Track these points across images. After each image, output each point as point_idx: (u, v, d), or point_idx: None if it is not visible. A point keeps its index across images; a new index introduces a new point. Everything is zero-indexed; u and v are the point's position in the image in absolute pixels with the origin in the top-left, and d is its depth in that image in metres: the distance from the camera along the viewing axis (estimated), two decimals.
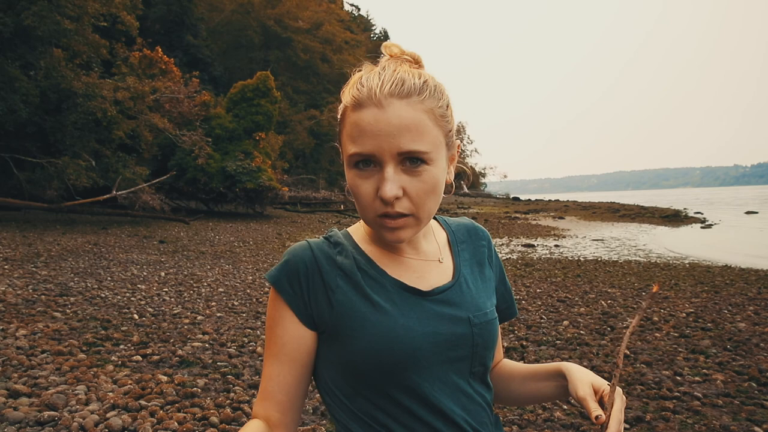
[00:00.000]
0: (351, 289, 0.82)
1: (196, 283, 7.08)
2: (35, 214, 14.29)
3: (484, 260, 0.97)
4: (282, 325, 0.83)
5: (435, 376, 0.81)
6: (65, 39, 13.16)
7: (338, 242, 0.87)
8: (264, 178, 18.31)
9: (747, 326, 5.12)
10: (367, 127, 0.75)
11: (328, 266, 0.83)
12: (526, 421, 3.02)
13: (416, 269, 0.87)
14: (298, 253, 0.84)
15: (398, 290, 0.83)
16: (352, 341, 0.79)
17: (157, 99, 16.39)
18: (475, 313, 0.86)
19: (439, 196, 0.81)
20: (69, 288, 6.15)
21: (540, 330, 5.07)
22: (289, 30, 32.95)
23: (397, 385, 0.79)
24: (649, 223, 24.42)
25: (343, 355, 0.81)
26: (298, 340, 0.83)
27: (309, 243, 0.86)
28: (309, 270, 0.83)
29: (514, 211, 32.79)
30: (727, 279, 8.15)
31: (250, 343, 4.42)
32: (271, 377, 0.83)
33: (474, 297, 0.89)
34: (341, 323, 0.80)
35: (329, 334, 0.82)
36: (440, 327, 0.82)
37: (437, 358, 0.81)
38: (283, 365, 0.83)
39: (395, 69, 0.78)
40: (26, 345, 3.96)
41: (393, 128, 0.74)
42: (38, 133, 13.47)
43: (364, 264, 0.85)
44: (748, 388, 3.52)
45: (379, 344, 0.78)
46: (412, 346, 0.79)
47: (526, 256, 11.66)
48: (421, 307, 0.82)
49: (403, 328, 0.79)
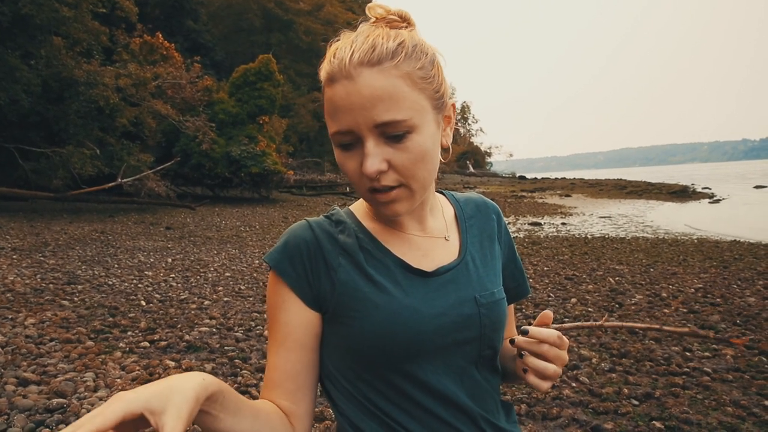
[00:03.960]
0: (353, 269, 0.79)
1: (202, 268, 7.10)
2: (42, 203, 14.35)
3: (494, 236, 0.93)
4: (286, 310, 0.79)
5: (440, 360, 0.78)
6: (64, 27, 13.05)
7: (340, 220, 0.84)
8: (269, 162, 18.26)
9: (756, 300, 5.08)
10: (339, 102, 0.70)
11: (329, 245, 0.80)
12: (535, 399, 3.01)
13: (420, 247, 0.83)
14: (298, 233, 0.81)
15: (401, 270, 0.80)
16: (355, 323, 0.76)
17: (159, 85, 16.30)
18: (482, 292, 0.82)
19: (431, 162, 0.75)
20: (77, 276, 6.18)
21: (548, 308, 5.05)
22: (290, 12, 32.61)
23: (400, 369, 0.76)
24: (656, 199, 24.25)
25: (344, 338, 0.78)
26: (305, 324, 0.79)
27: (308, 222, 0.83)
28: (311, 250, 0.79)
29: (521, 189, 32.61)
30: (736, 254, 8.08)
31: (257, 327, 4.42)
32: (277, 366, 0.79)
33: (481, 276, 0.85)
34: (343, 304, 0.77)
35: (331, 314, 0.79)
36: (446, 308, 0.78)
37: (443, 341, 0.77)
38: (291, 352, 0.79)
39: (368, 35, 0.72)
40: (35, 333, 3.98)
41: (365, 100, 0.69)
42: (41, 123, 13.45)
43: (367, 242, 0.81)
44: (759, 362, 3.49)
45: (383, 326, 0.75)
46: (417, 329, 0.75)
47: (533, 235, 11.61)
48: (425, 287, 0.79)
49: (407, 309, 0.76)
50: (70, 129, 13.37)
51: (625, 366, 3.51)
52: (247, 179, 18.90)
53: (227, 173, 18.35)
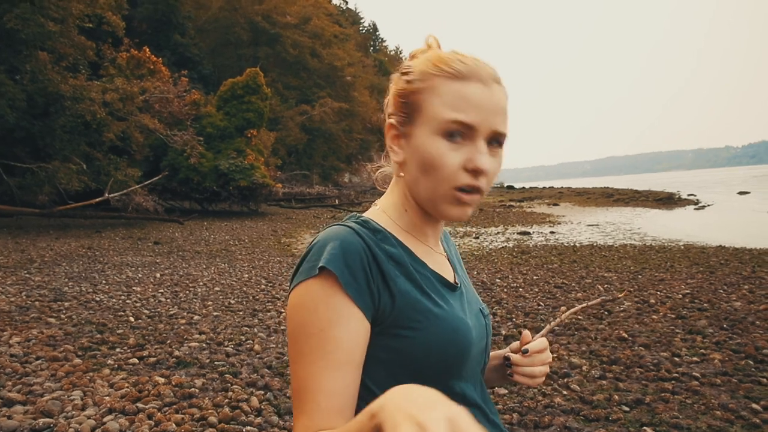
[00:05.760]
0: (406, 280, 0.77)
1: (191, 283, 7.05)
2: (27, 220, 14.18)
3: (459, 258, 1.00)
4: (344, 325, 0.70)
5: (471, 369, 0.84)
6: (50, 41, 13.00)
7: (377, 229, 0.80)
8: (257, 175, 18.23)
9: (742, 305, 5.13)
10: (474, 99, 0.75)
11: (381, 253, 0.76)
12: (527, 408, 3.01)
13: (440, 262, 0.88)
14: (349, 238, 0.74)
15: (439, 283, 0.82)
16: (418, 334, 0.74)
17: (146, 99, 16.23)
18: (480, 306, 0.91)
19: None
20: (63, 293, 6.11)
21: (538, 316, 5.07)
22: (277, 26, 32.69)
23: (447, 379, 0.79)
24: (643, 206, 24.49)
25: (397, 351, 0.75)
26: (365, 340, 0.73)
27: (353, 228, 0.77)
28: (368, 257, 0.74)
29: (509, 199, 32.78)
30: (722, 259, 8.18)
31: (247, 342, 4.39)
32: (338, 391, 0.70)
33: (472, 291, 0.93)
34: (403, 316, 0.74)
35: (385, 327, 0.74)
36: (474, 320, 0.85)
37: (476, 350, 0.84)
38: (350, 374, 0.71)
39: (477, 58, 0.79)
40: (20, 352, 3.92)
41: (495, 107, 0.76)
42: (27, 138, 13.33)
43: (407, 254, 0.80)
44: (745, 365, 3.53)
45: (446, 337, 0.76)
46: (470, 339, 0.79)
47: (522, 244, 11.67)
48: (457, 300, 0.84)
49: (461, 320, 0.79)
50: (56, 144, 13.27)
51: (615, 373, 3.53)
52: (236, 193, 18.84)
53: (215, 187, 18.28)
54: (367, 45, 54.45)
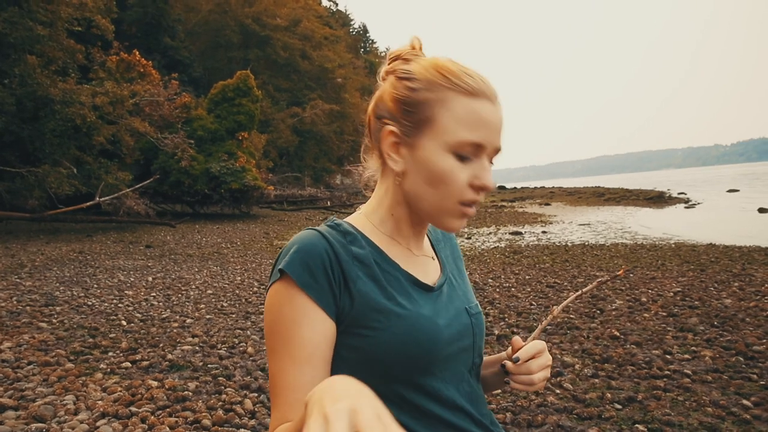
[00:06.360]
0: (369, 281, 0.79)
1: (184, 286, 7.02)
2: (17, 224, 14.06)
3: (458, 257, 1.02)
4: (308, 325, 0.74)
5: (447, 368, 0.83)
6: (39, 45, 12.91)
7: (348, 231, 0.82)
8: (249, 177, 18.19)
9: (733, 302, 5.19)
10: (486, 118, 0.76)
11: (345, 255, 0.78)
12: (520, 407, 3.03)
13: (420, 264, 0.88)
14: (313, 241, 0.77)
15: (410, 284, 0.83)
16: (376, 334, 0.76)
17: (136, 103, 16.17)
18: (469, 304, 0.90)
19: None
20: (55, 297, 6.06)
21: (530, 316, 5.09)
22: (267, 28, 32.64)
23: (415, 377, 0.79)
24: (634, 205, 24.66)
25: (357, 350, 0.77)
26: (330, 338, 0.76)
27: (319, 231, 0.80)
28: (330, 259, 0.76)
29: (501, 199, 32.89)
30: (712, 257, 8.26)
31: (240, 344, 4.38)
32: (301, 386, 0.73)
33: (464, 290, 0.93)
34: (363, 315, 0.77)
35: (346, 327, 0.77)
36: (450, 319, 0.84)
37: (451, 349, 0.82)
38: (317, 370, 0.74)
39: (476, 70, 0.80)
40: (11, 357, 3.89)
41: (499, 126, 0.79)
42: (16, 143, 13.22)
43: (377, 256, 0.82)
44: (736, 362, 3.57)
45: (406, 337, 0.77)
46: (435, 338, 0.79)
47: (514, 244, 11.71)
48: (431, 301, 0.84)
49: (426, 320, 0.79)
50: (45, 148, 13.17)
51: (607, 371, 3.55)
52: (227, 195, 18.78)
53: (207, 190, 18.22)
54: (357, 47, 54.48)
